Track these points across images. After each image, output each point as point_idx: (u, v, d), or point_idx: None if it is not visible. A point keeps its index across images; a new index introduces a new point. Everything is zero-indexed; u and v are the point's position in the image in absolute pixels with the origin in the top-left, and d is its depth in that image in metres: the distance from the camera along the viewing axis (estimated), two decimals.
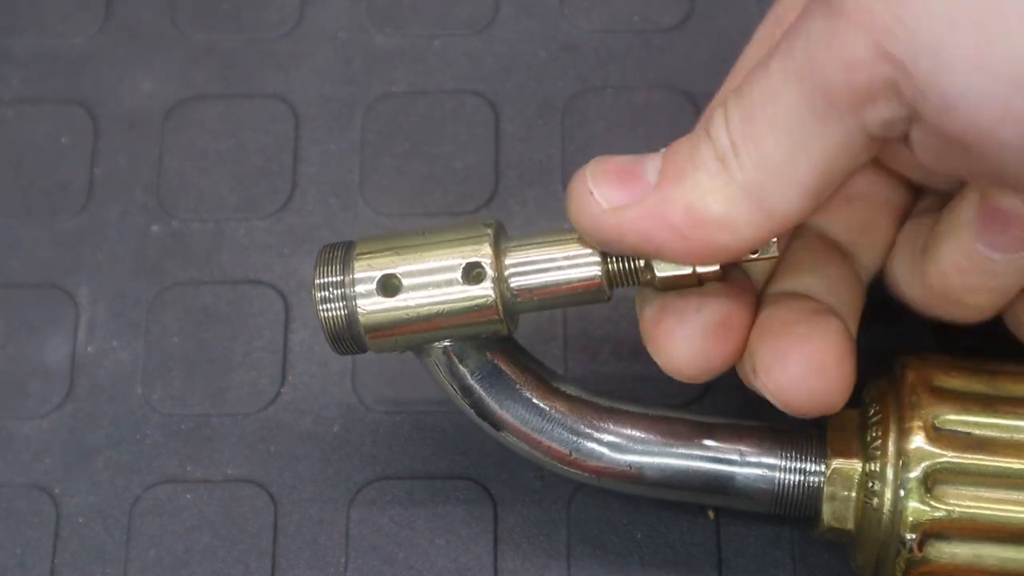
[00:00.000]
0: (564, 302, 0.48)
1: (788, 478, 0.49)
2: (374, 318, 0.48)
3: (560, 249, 0.48)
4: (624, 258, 0.47)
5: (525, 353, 0.51)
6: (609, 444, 0.50)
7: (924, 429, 0.47)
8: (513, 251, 0.48)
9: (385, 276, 0.48)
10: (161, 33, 0.64)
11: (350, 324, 0.48)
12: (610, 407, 0.50)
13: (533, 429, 0.50)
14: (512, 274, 0.48)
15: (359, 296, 0.48)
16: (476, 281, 0.47)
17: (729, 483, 0.50)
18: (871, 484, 0.48)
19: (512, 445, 0.51)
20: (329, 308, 0.48)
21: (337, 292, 0.48)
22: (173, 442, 0.57)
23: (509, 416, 0.50)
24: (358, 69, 0.63)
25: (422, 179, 0.61)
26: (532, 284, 0.48)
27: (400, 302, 0.48)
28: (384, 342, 0.49)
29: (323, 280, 0.48)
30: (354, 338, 0.49)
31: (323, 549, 0.55)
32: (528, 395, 0.50)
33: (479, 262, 0.47)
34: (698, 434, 0.50)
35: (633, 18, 0.64)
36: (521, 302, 0.48)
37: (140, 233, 0.61)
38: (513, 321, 0.49)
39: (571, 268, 0.48)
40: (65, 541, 0.56)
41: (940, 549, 0.47)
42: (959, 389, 0.48)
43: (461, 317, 0.48)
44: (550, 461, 0.50)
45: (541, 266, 0.48)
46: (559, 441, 0.50)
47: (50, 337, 0.59)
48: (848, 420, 0.50)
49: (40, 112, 0.63)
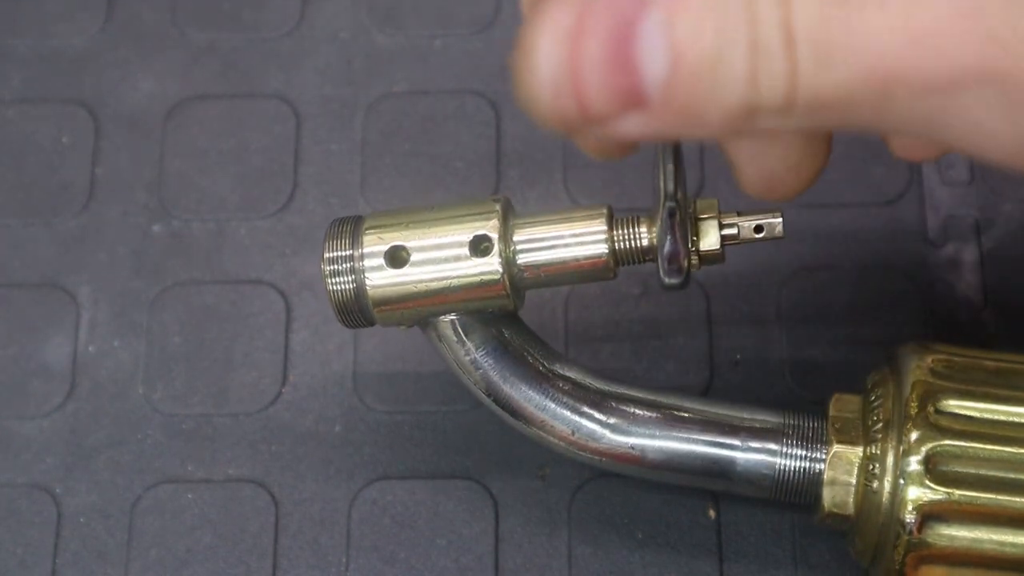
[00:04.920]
0: (570, 279, 0.49)
1: (789, 464, 0.49)
2: (382, 291, 0.48)
3: (567, 226, 0.48)
4: (630, 237, 0.48)
5: (530, 332, 0.51)
6: (611, 425, 0.50)
7: (925, 412, 0.47)
8: (521, 227, 0.48)
9: (393, 249, 0.48)
10: (162, 33, 0.64)
11: (358, 297, 0.49)
12: (613, 388, 0.51)
13: (536, 407, 0.50)
14: (519, 250, 0.48)
15: (367, 269, 0.48)
16: (483, 254, 0.48)
17: (730, 467, 0.50)
18: (872, 468, 0.48)
19: (515, 425, 0.51)
20: (338, 281, 0.49)
21: (346, 265, 0.49)
22: (174, 442, 0.57)
23: (513, 393, 0.50)
24: (359, 69, 0.63)
25: (423, 179, 0.61)
26: (539, 260, 0.48)
27: (408, 275, 0.48)
28: (391, 315, 0.49)
29: (332, 254, 0.49)
30: (362, 311, 0.49)
31: (324, 549, 0.55)
32: (533, 372, 0.50)
33: (487, 235, 0.48)
34: (700, 418, 0.50)
35: None
36: (527, 278, 0.48)
37: (141, 233, 0.61)
38: (519, 297, 0.49)
39: (578, 246, 0.48)
40: (66, 541, 0.56)
41: (939, 532, 0.47)
42: (960, 375, 0.49)
43: (468, 291, 0.48)
44: (552, 440, 0.50)
45: (548, 243, 0.48)
46: (562, 420, 0.50)
47: (51, 337, 0.59)
48: (850, 406, 0.50)
49: (41, 112, 0.63)
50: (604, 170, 0.61)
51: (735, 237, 0.48)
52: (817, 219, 0.59)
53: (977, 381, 0.48)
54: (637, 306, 0.58)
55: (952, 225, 0.59)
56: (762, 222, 0.48)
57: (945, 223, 0.59)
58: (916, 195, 0.60)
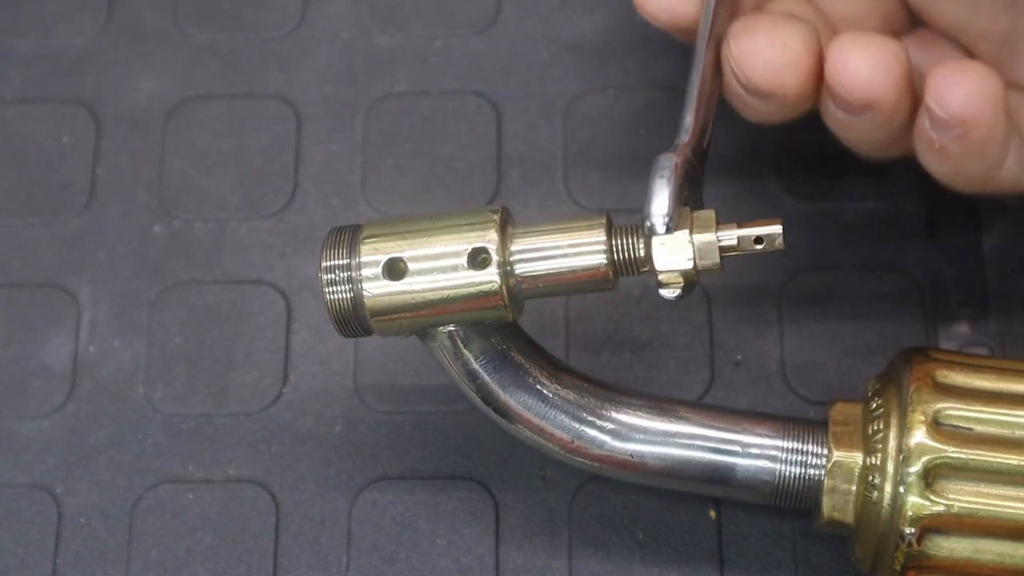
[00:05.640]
0: (569, 290, 0.49)
1: (789, 470, 0.49)
2: (379, 302, 0.48)
3: (566, 237, 0.48)
4: (629, 248, 0.47)
5: (530, 340, 0.51)
6: (611, 432, 0.50)
7: (926, 424, 0.47)
8: (519, 237, 0.48)
9: (391, 260, 0.48)
10: (163, 33, 0.64)
11: (355, 307, 0.48)
12: (613, 395, 0.51)
13: (536, 415, 0.50)
14: (517, 260, 0.48)
15: (365, 279, 0.48)
16: (481, 267, 0.48)
17: (730, 474, 0.50)
18: (871, 478, 0.48)
19: (515, 432, 0.51)
20: (335, 291, 0.49)
21: (343, 275, 0.48)
22: (175, 442, 0.57)
23: (513, 401, 0.50)
24: (360, 69, 0.63)
25: (424, 179, 0.61)
26: (537, 271, 0.48)
27: (405, 286, 0.48)
28: (389, 325, 0.49)
29: (329, 263, 0.49)
30: (359, 321, 0.49)
31: (325, 549, 0.55)
32: (532, 381, 0.50)
33: (485, 248, 0.48)
34: (700, 424, 0.50)
35: (635, 18, 0.63)
36: (526, 289, 0.48)
37: (142, 233, 0.61)
38: (518, 308, 0.49)
39: (576, 256, 0.48)
40: (67, 541, 0.56)
41: (939, 544, 0.47)
42: (961, 384, 0.48)
43: (466, 303, 0.48)
44: (552, 448, 0.50)
45: (546, 253, 0.48)
46: (562, 428, 0.50)
47: (52, 337, 0.59)
48: (850, 414, 0.50)
49: (42, 112, 0.63)
50: (605, 171, 0.61)
51: (734, 248, 0.47)
52: (817, 220, 0.59)
53: (979, 390, 0.48)
54: (637, 307, 0.58)
55: (954, 226, 0.59)
56: (762, 233, 0.47)
57: (947, 223, 0.59)
58: (917, 195, 0.60)
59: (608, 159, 0.61)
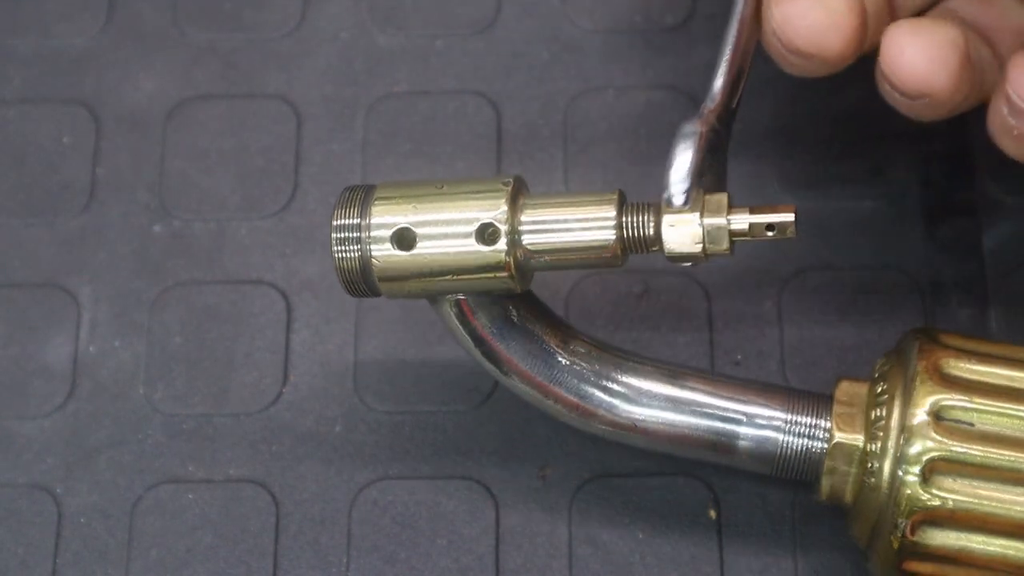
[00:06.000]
0: (576, 264, 0.48)
1: (792, 442, 0.49)
2: (388, 268, 0.48)
3: (576, 211, 0.48)
4: (640, 225, 0.47)
5: (539, 304, 0.51)
6: (618, 396, 0.50)
7: (927, 415, 0.47)
8: (530, 209, 0.48)
9: (401, 228, 0.48)
10: (163, 33, 0.64)
11: (364, 270, 0.49)
12: (621, 361, 0.51)
13: (544, 378, 0.50)
14: (525, 232, 0.48)
15: (374, 242, 0.48)
16: (491, 241, 0.48)
17: (733, 443, 0.50)
18: (871, 464, 0.48)
19: (522, 394, 0.51)
20: (344, 251, 0.49)
21: (353, 235, 0.48)
22: (175, 442, 0.57)
23: (521, 365, 0.50)
24: (360, 69, 0.63)
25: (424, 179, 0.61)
26: (545, 245, 0.48)
27: (414, 256, 0.48)
28: (397, 290, 0.49)
29: (341, 222, 0.49)
30: (367, 283, 0.49)
31: (325, 549, 0.55)
32: (540, 346, 0.50)
33: (493, 220, 0.48)
34: (706, 392, 0.50)
35: (635, 18, 0.64)
36: (533, 262, 0.48)
37: (142, 233, 0.61)
38: (526, 279, 0.49)
39: (585, 231, 0.48)
40: (67, 541, 0.56)
41: (932, 535, 0.48)
42: (968, 376, 0.48)
43: (473, 274, 0.48)
44: (559, 409, 0.50)
45: (556, 227, 0.48)
46: (568, 390, 0.50)
47: (52, 337, 0.59)
48: (855, 394, 0.50)
49: (42, 112, 0.63)
50: (605, 170, 0.61)
51: (744, 233, 0.47)
52: (817, 219, 0.59)
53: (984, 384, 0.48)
54: (638, 305, 0.58)
55: (954, 225, 0.59)
56: (775, 220, 0.47)
57: (946, 223, 0.59)
58: (917, 195, 0.60)
59: (608, 159, 0.61)
